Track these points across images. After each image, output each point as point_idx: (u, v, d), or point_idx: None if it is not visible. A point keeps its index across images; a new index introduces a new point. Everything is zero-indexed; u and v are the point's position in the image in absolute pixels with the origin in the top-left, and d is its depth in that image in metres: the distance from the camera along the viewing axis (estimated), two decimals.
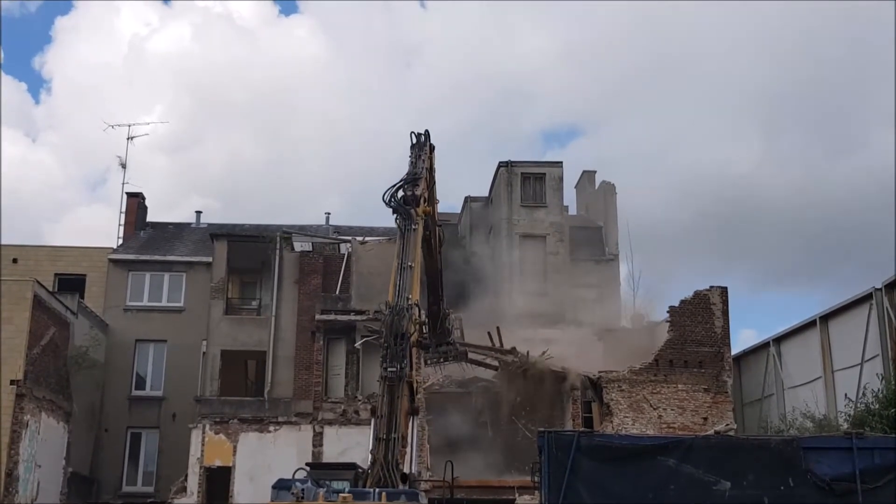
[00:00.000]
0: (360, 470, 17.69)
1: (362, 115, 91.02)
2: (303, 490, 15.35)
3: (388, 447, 17.25)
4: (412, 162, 21.67)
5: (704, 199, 65.17)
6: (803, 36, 72.31)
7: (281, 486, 15.87)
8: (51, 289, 31.07)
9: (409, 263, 19.55)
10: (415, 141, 22.23)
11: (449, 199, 43.65)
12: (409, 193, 20.47)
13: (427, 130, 22.55)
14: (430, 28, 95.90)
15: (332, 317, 30.49)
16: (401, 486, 16.97)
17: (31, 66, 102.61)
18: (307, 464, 17.54)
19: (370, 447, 17.60)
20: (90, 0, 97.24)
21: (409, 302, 18.82)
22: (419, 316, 19.45)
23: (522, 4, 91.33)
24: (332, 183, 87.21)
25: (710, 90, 79.92)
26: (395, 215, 20.33)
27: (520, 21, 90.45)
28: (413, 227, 20.06)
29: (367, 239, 32.96)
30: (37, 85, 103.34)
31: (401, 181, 20.67)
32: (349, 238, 33.48)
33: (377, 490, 15.80)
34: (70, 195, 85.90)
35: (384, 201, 20.41)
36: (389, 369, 17.73)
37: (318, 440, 29.03)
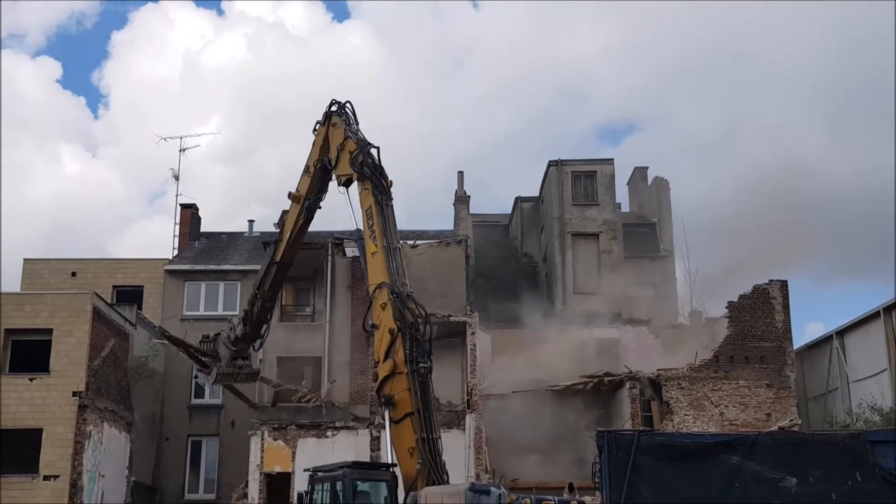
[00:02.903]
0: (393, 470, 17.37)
1: (416, 119, 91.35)
2: (500, 495, 15.44)
3: (433, 446, 17.09)
4: (348, 129, 20.08)
5: (766, 192, 63.97)
6: (869, 21, 70.66)
7: (479, 489, 15.92)
8: (109, 301, 31.55)
9: (397, 244, 18.89)
10: (335, 109, 20.75)
11: (501, 201, 43.50)
12: (369, 160, 19.28)
13: (349, 101, 20.85)
14: (482, 28, 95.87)
15: None
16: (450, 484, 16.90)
17: (90, 81, 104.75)
18: (349, 463, 17.32)
19: (388, 448, 17.22)
20: (145, 13, 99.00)
21: (408, 289, 18.31)
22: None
23: (574, 2, 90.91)
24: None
25: (770, 81, 78.59)
26: (361, 185, 19.14)
27: (572, 17, 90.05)
28: (390, 201, 19.24)
29: (417, 242, 32.92)
30: (95, 100, 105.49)
31: (358, 149, 19.32)
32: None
33: (557, 498, 15.73)
34: (130, 209, 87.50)
35: (354, 168, 19.24)
36: (422, 364, 17.43)
37: (375, 444, 29.02)
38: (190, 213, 39.00)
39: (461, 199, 37.92)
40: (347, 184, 20.27)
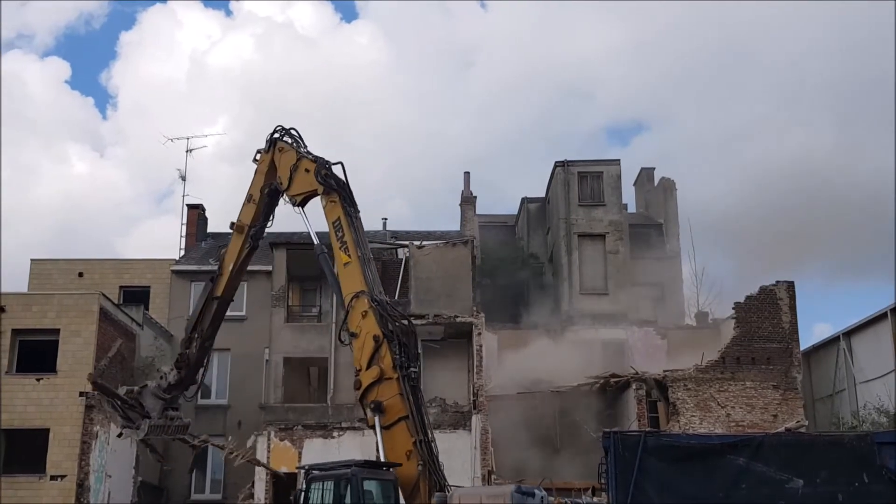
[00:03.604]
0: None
1: (422, 118, 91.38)
2: (542, 497, 15.69)
3: (430, 449, 17.15)
4: (299, 148, 20.11)
5: (775, 192, 63.78)
6: (874, 20, 70.41)
7: (525, 491, 16.00)
8: (116, 301, 31.61)
9: (370, 255, 18.99)
10: (280, 135, 20.67)
11: (507, 201, 43.51)
12: (332, 175, 19.33)
13: (293, 127, 20.86)
14: (490, 27, 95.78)
15: None
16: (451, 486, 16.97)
17: (99, 81, 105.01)
18: (358, 462, 17.09)
19: (381, 450, 17.19)
20: (153, 14, 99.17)
21: (384, 296, 18.53)
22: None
23: (581, 2, 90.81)
24: (396, 187, 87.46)
25: (779, 80, 78.41)
26: (327, 198, 19.10)
27: (580, 17, 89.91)
28: (357, 213, 19.30)
29: (424, 243, 32.95)
30: (103, 100, 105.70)
31: (318, 165, 19.33)
32: (406, 243, 33.51)
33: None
34: (138, 209, 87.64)
35: (318, 179, 19.21)
36: (413, 370, 17.58)
37: None
38: (196, 214, 39.06)
39: (467, 200, 37.92)
40: (304, 203, 20.24)
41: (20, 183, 77.50)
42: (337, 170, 19.72)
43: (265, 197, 20.87)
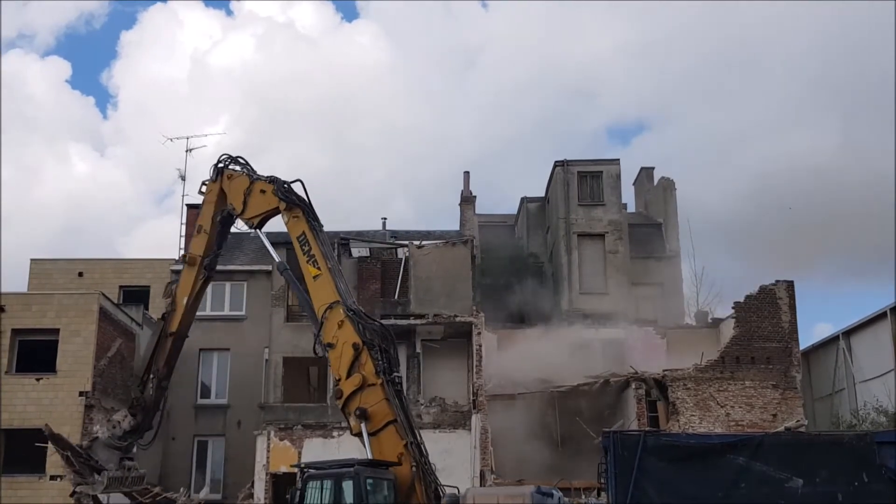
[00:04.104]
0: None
1: (425, 119, 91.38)
2: (559, 498, 15.72)
3: (420, 450, 17.21)
4: (251, 174, 20.13)
5: (777, 192, 63.79)
6: (875, 21, 70.39)
7: (544, 492, 15.96)
8: (116, 301, 31.61)
9: (339, 267, 19.12)
10: (225, 163, 20.63)
11: (511, 201, 43.48)
12: (292, 191, 19.36)
13: (240, 155, 20.87)
14: (492, 28, 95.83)
15: (391, 321, 30.33)
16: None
17: (99, 81, 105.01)
18: (361, 461, 17.01)
19: (370, 456, 17.24)
20: (154, 13, 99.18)
21: (358, 306, 18.67)
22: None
23: (581, 3, 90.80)
24: (399, 187, 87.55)
25: (783, 80, 78.42)
26: (290, 214, 19.07)
27: (582, 18, 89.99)
28: (322, 227, 19.35)
29: (423, 243, 32.95)
30: (104, 100, 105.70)
31: (275, 184, 19.34)
32: (406, 243, 33.51)
33: None
34: (140, 209, 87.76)
35: (280, 196, 19.14)
36: (396, 374, 17.72)
37: None
38: (196, 214, 38.94)
39: (467, 200, 37.91)
40: (261, 224, 20.18)
41: (22, 183, 77.59)
42: (297, 187, 19.64)
43: (217, 225, 20.66)
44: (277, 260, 20.31)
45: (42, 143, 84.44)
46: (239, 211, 20.11)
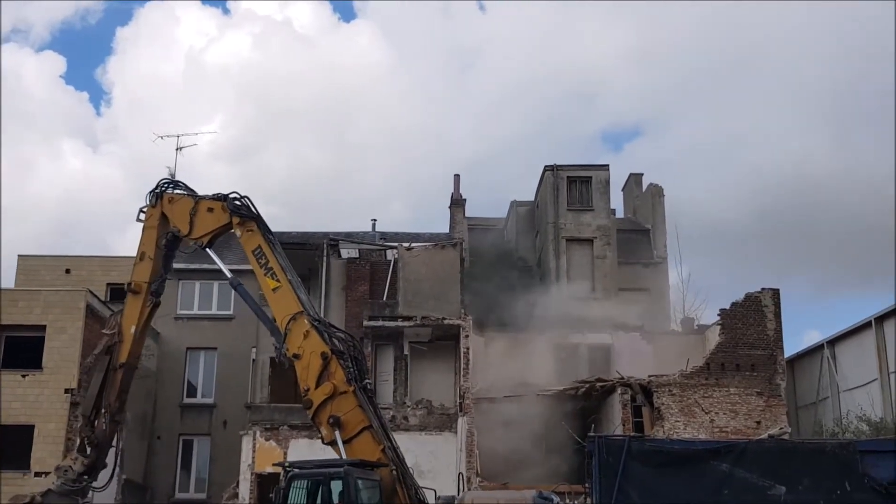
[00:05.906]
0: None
1: (423, 120, 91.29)
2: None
3: (397, 454, 17.30)
4: (192, 193, 20.11)
5: (771, 200, 64.15)
6: (873, 30, 70.77)
7: (546, 497, 16.35)
8: (103, 298, 31.55)
9: (299, 279, 19.03)
10: (163, 188, 20.45)
11: (506, 204, 43.46)
12: (244, 206, 19.29)
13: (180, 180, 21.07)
14: (490, 30, 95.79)
15: (379, 323, 30.52)
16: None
17: (94, 77, 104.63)
18: (351, 461, 16.77)
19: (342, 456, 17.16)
20: (149, 9, 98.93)
21: (321, 316, 18.77)
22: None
23: (581, 5, 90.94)
24: (395, 189, 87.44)
25: (778, 89, 78.77)
26: (243, 228, 18.98)
27: (580, 21, 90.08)
28: (276, 241, 19.35)
29: (413, 245, 32.99)
30: (98, 96, 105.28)
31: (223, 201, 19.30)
32: (395, 244, 33.54)
33: None
34: (133, 206, 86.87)
35: (231, 210, 19.03)
36: (367, 382, 17.81)
37: None
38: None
39: (457, 203, 37.98)
40: (211, 243, 20.04)
41: (16, 179, 77.18)
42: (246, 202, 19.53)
43: (162, 249, 20.31)
44: (230, 276, 20.01)
45: (37, 138, 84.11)
46: (185, 232, 19.83)
